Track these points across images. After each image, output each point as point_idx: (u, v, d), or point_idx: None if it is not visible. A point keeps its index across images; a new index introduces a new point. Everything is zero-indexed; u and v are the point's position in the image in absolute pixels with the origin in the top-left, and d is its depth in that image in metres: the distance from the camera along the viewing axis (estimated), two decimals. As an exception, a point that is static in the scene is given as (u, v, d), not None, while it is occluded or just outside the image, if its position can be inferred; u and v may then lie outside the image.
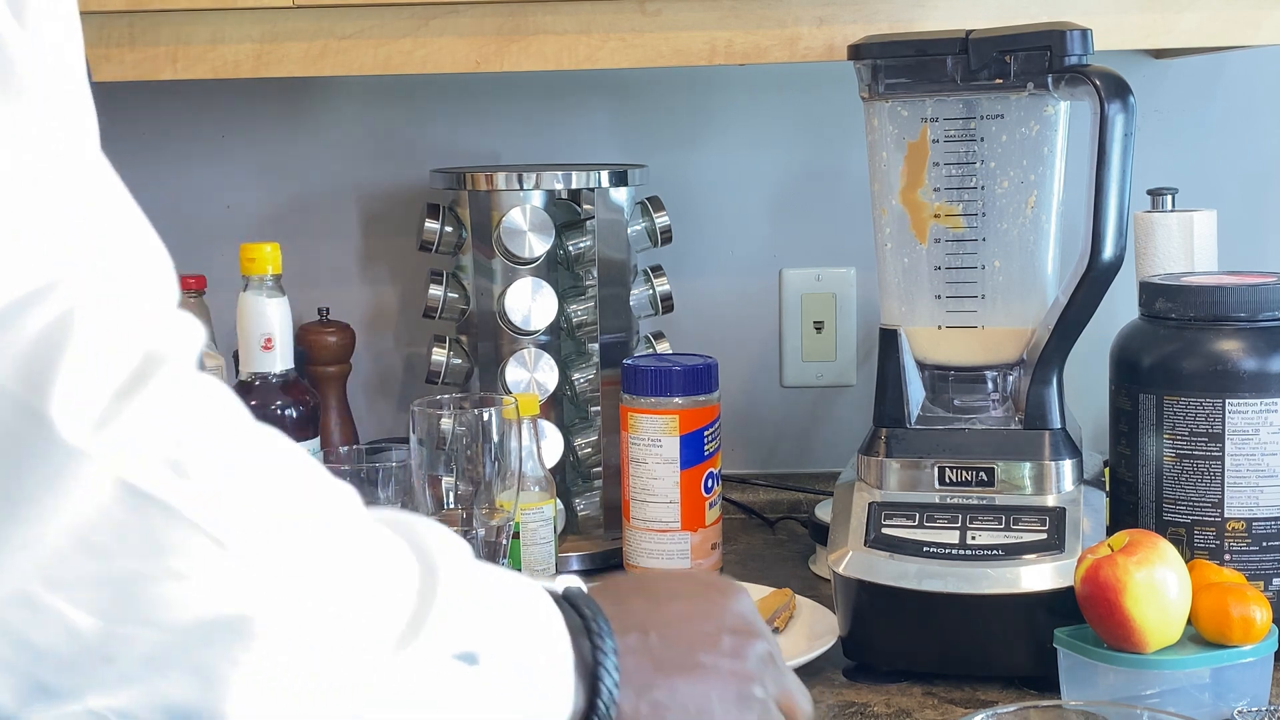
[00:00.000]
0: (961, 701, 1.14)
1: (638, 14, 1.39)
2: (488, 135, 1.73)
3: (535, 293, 1.51)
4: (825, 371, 1.77)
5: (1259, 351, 1.17)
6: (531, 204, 1.52)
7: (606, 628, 0.73)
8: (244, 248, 1.40)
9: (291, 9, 1.37)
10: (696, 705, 0.75)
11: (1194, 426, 1.17)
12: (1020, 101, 1.21)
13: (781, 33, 1.39)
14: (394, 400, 1.76)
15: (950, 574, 1.15)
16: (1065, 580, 1.11)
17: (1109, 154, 1.13)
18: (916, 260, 1.26)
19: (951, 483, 1.21)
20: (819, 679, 1.19)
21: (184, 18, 1.37)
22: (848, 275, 1.75)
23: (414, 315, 1.71)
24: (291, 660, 0.60)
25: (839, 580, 1.19)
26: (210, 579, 0.58)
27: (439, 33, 1.38)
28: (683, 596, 0.80)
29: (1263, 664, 1.07)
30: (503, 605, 0.69)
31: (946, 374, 1.26)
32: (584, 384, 1.56)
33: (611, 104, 1.73)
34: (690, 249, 1.71)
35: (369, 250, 1.76)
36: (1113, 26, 1.37)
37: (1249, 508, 1.16)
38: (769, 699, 0.78)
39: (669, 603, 0.78)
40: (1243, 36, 1.39)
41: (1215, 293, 1.19)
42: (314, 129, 1.73)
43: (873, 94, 1.25)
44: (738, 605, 0.80)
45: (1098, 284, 1.16)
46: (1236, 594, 1.06)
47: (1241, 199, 1.70)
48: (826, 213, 1.74)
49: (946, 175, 1.24)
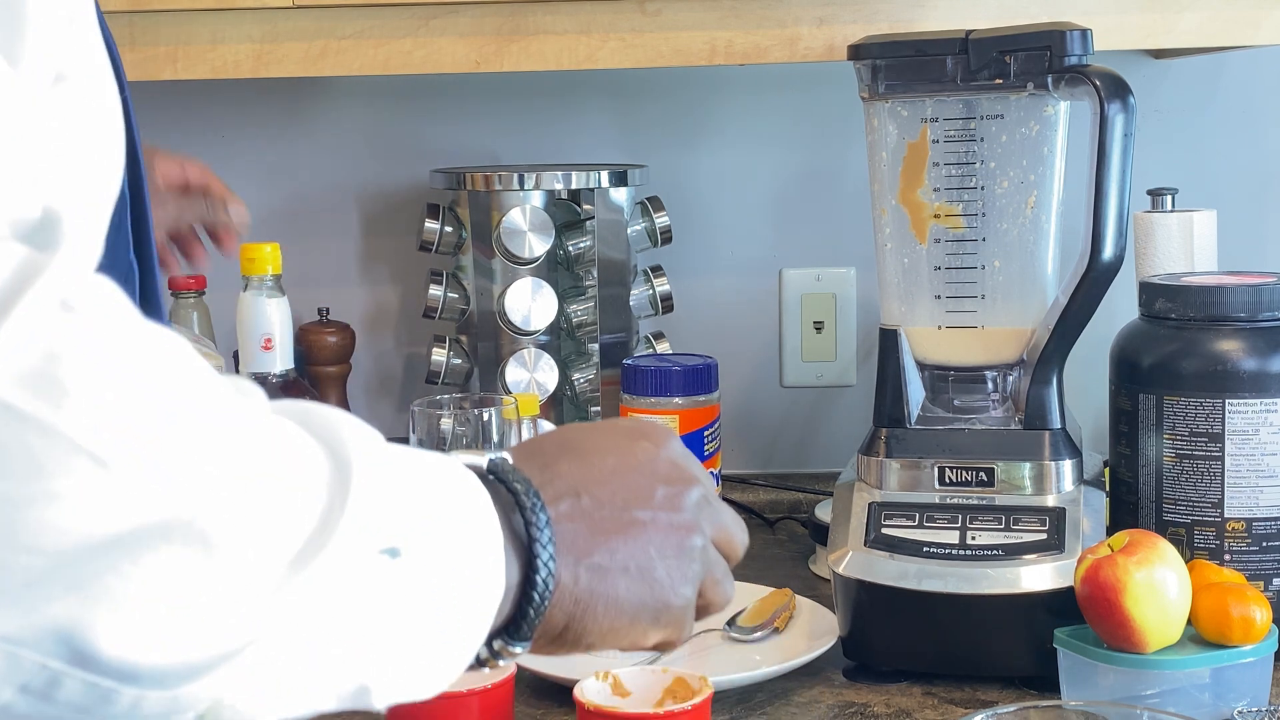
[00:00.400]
0: (961, 701, 1.14)
1: (638, 14, 1.39)
2: (488, 135, 1.73)
3: (535, 293, 1.52)
4: (825, 371, 1.77)
5: (1259, 351, 1.17)
6: (531, 204, 1.52)
7: (538, 501, 0.69)
8: (244, 248, 1.40)
9: (291, 9, 1.37)
10: (637, 563, 0.73)
11: (1194, 426, 1.17)
12: (1020, 101, 1.21)
13: (781, 33, 1.39)
14: (394, 400, 1.76)
15: (950, 574, 1.15)
16: (1065, 580, 1.11)
17: (1109, 154, 1.13)
18: (916, 260, 1.26)
19: (951, 483, 1.21)
20: (819, 679, 1.19)
21: (184, 18, 1.37)
22: (848, 275, 1.75)
23: (414, 315, 1.71)
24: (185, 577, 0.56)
25: (839, 580, 1.19)
26: (93, 500, 0.54)
27: (439, 33, 1.38)
28: (611, 451, 0.76)
29: (1263, 664, 1.07)
30: (425, 491, 0.65)
31: (946, 374, 1.26)
32: (584, 384, 1.56)
33: (611, 104, 1.73)
34: (690, 249, 1.71)
35: (369, 250, 1.76)
36: (1113, 26, 1.37)
37: (1249, 508, 1.16)
38: (708, 543, 0.76)
39: (598, 459, 0.75)
40: (1243, 36, 1.39)
41: (1215, 293, 1.19)
42: (314, 129, 1.73)
43: (873, 94, 1.25)
44: (668, 452, 0.77)
45: (1098, 284, 1.16)
46: (1236, 594, 1.06)
47: (1241, 199, 1.70)
48: (826, 213, 1.74)
49: (946, 175, 1.24)
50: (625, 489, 0.74)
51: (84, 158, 0.64)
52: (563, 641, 0.72)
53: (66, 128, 0.64)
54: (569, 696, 1.04)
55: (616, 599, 0.72)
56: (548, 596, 0.69)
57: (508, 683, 1.07)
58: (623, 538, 0.72)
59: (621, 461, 0.75)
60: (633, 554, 0.73)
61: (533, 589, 0.68)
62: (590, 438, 0.77)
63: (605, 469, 0.74)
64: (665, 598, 0.74)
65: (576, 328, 1.56)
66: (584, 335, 1.56)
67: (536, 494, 0.70)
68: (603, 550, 0.72)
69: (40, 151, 0.61)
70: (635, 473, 0.75)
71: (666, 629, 0.75)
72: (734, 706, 1.14)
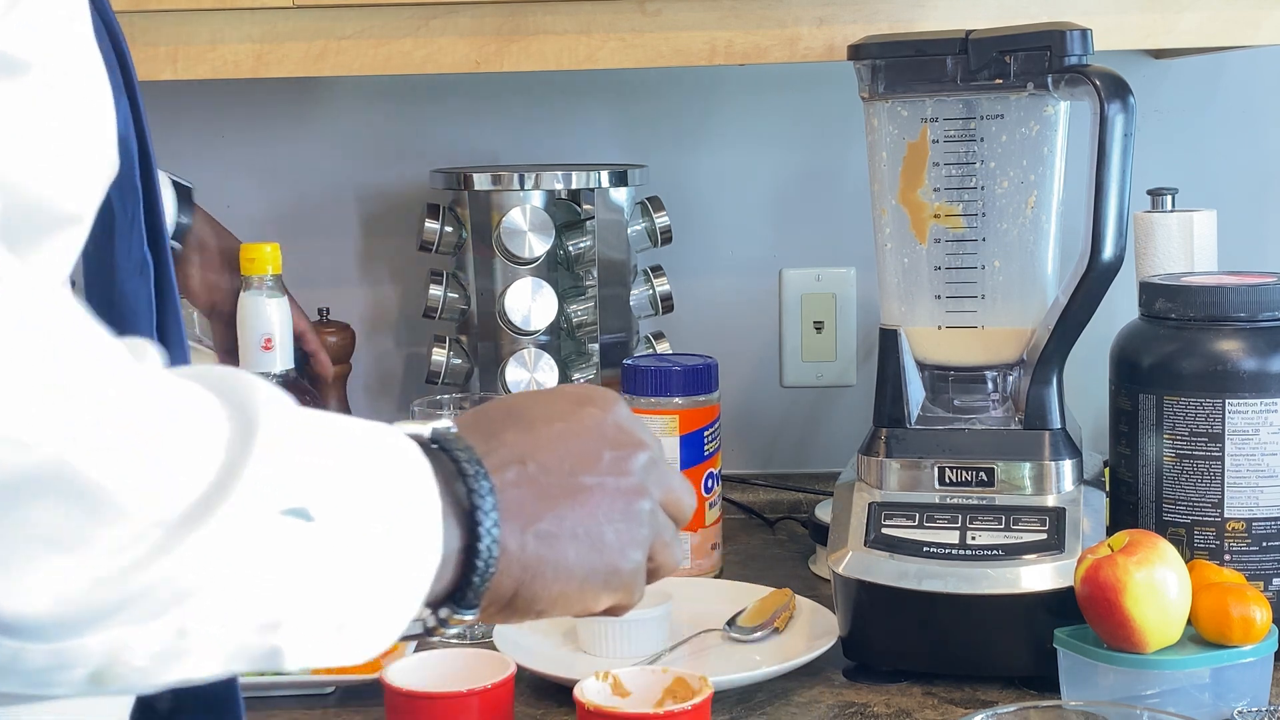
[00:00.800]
0: (961, 701, 1.14)
1: (638, 14, 1.39)
2: (488, 135, 1.73)
3: (535, 293, 1.51)
4: (825, 371, 1.77)
5: (1259, 351, 1.17)
6: (531, 204, 1.52)
7: (481, 469, 0.69)
8: (244, 248, 1.40)
9: (291, 9, 1.37)
10: (585, 529, 0.72)
11: (1194, 426, 1.17)
12: (1020, 101, 1.21)
13: (781, 33, 1.39)
14: (394, 400, 1.76)
15: (950, 574, 1.15)
16: (1065, 580, 1.11)
17: (1109, 154, 1.13)
18: (916, 260, 1.26)
19: (951, 483, 1.21)
20: (819, 679, 1.19)
21: (184, 18, 1.37)
22: (848, 275, 1.75)
23: (414, 315, 1.71)
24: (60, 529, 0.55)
25: (839, 580, 1.19)
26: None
27: (439, 33, 1.38)
28: (558, 417, 0.75)
29: (1263, 664, 1.07)
30: (347, 457, 0.64)
31: (946, 374, 1.26)
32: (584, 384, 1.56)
33: (611, 104, 1.73)
34: (690, 249, 1.71)
35: (369, 250, 1.76)
36: (1113, 26, 1.37)
37: (1249, 508, 1.16)
38: (656, 508, 0.76)
39: (544, 426, 0.74)
40: (1243, 36, 1.39)
41: (1215, 293, 1.19)
42: (314, 129, 1.73)
43: (873, 94, 1.25)
44: (614, 416, 0.77)
45: (1098, 284, 1.16)
46: (1236, 594, 1.06)
47: (1241, 199, 1.70)
48: (826, 213, 1.74)
49: (946, 175, 1.24)
50: (572, 454, 0.74)
51: (44, 147, 0.63)
52: (513, 609, 0.72)
53: (22, 118, 0.63)
54: (569, 696, 1.04)
55: (565, 565, 0.72)
56: (492, 564, 0.69)
57: (508, 683, 1.07)
58: (570, 503, 0.72)
59: (568, 427, 0.75)
60: (580, 519, 0.72)
61: (476, 557, 0.68)
62: (536, 404, 0.77)
63: (551, 435, 0.74)
64: (614, 562, 0.74)
65: (576, 328, 1.56)
66: (584, 335, 1.56)
67: (479, 462, 0.70)
68: (550, 516, 0.72)
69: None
70: (582, 438, 0.75)
71: (617, 593, 0.75)
72: (734, 706, 1.14)
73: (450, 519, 0.68)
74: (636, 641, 1.22)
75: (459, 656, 1.11)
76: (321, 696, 1.18)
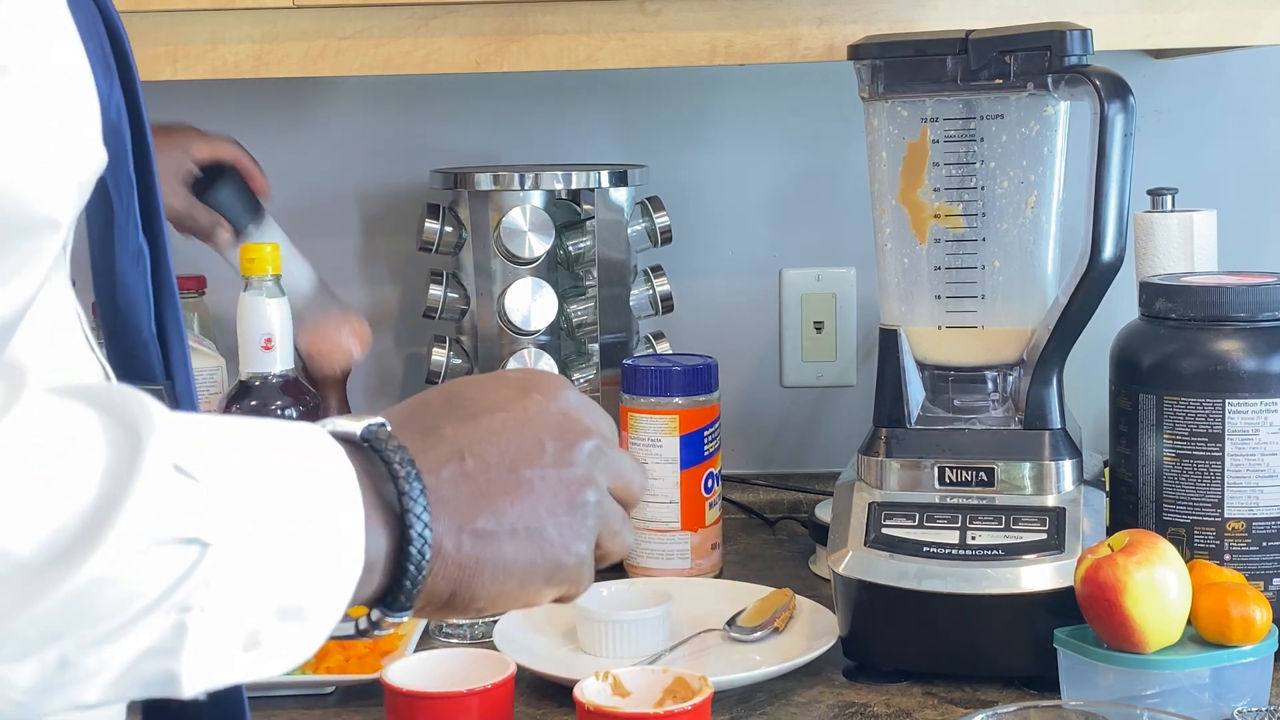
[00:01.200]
0: (961, 701, 1.14)
1: (638, 14, 1.38)
2: (488, 135, 1.73)
3: (535, 293, 1.51)
4: (825, 371, 1.77)
5: (1259, 351, 1.17)
6: (531, 204, 1.52)
7: (412, 470, 0.67)
8: (244, 248, 1.39)
9: (291, 9, 1.37)
10: (526, 524, 0.71)
11: (1194, 426, 1.17)
12: (1020, 101, 1.21)
13: (781, 33, 1.39)
14: (394, 400, 1.75)
15: (950, 574, 1.15)
16: (1065, 580, 1.11)
17: (1109, 154, 1.13)
18: (916, 260, 1.26)
19: (951, 483, 1.21)
20: (819, 679, 1.19)
21: (184, 18, 1.37)
22: (848, 275, 1.75)
23: (414, 315, 1.71)
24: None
25: (839, 580, 1.19)
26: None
27: (439, 33, 1.38)
28: (499, 407, 0.73)
29: (1263, 664, 1.07)
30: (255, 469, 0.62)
31: (946, 374, 1.26)
32: (584, 384, 1.56)
33: (611, 104, 1.73)
34: (690, 249, 1.71)
35: (369, 250, 1.76)
36: (1113, 26, 1.37)
37: (1249, 508, 1.16)
38: (603, 496, 0.74)
39: (485, 418, 0.72)
40: (1243, 36, 1.39)
41: (1215, 293, 1.19)
42: (314, 129, 1.73)
43: (872, 94, 1.25)
44: (560, 403, 0.75)
45: (1098, 284, 1.16)
46: (1236, 594, 1.06)
47: (1241, 199, 1.70)
48: (826, 213, 1.74)
49: (946, 175, 1.24)
50: (513, 447, 0.72)
51: (19, 151, 0.62)
52: (451, 607, 0.70)
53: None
54: (569, 696, 1.04)
55: (504, 563, 0.70)
56: (424, 567, 0.67)
57: (508, 683, 1.07)
58: (510, 499, 0.71)
59: (510, 418, 0.73)
60: (521, 515, 0.71)
61: (407, 560, 0.67)
62: (479, 393, 0.74)
63: (492, 427, 0.72)
64: (557, 557, 0.72)
65: (576, 328, 1.56)
66: (584, 335, 1.56)
67: (411, 462, 0.68)
68: (487, 515, 0.70)
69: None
70: (524, 428, 0.73)
71: (561, 586, 0.74)
72: (734, 706, 1.14)
73: (376, 524, 0.66)
74: (636, 641, 1.22)
75: (459, 656, 1.11)
76: (321, 697, 1.19)
